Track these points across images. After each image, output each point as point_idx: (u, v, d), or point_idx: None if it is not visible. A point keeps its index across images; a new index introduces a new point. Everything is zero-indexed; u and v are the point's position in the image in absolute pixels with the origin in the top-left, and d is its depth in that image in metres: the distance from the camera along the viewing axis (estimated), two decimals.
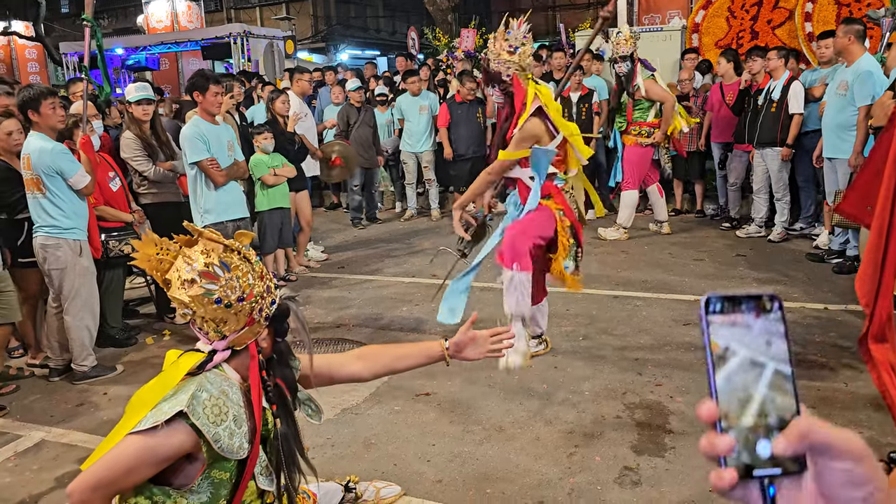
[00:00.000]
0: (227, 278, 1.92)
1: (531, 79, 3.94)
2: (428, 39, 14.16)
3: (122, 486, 1.84)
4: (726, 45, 9.19)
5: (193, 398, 1.84)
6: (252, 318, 1.98)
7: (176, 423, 1.82)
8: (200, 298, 1.89)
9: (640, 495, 3.01)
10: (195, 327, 1.98)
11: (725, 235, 7.42)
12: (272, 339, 2.09)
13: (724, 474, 0.61)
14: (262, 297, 2.00)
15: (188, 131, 4.97)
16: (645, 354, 4.46)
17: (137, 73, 15.32)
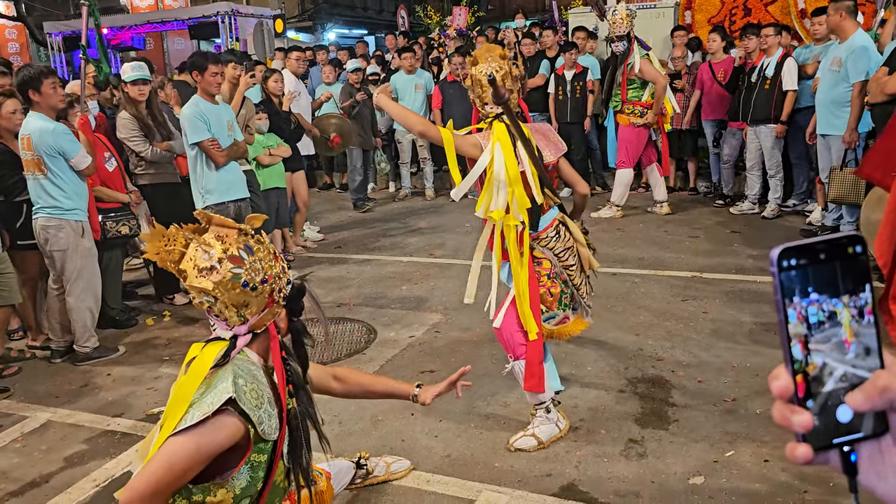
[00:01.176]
0: (251, 261, 1.94)
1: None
2: (419, 17, 14.06)
3: (176, 487, 1.84)
4: (719, 21, 9.20)
5: (235, 386, 1.86)
6: (272, 300, 2.00)
7: (224, 413, 1.83)
8: (226, 283, 1.89)
9: (645, 467, 3.07)
10: (211, 315, 1.98)
11: (719, 213, 7.48)
12: (288, 319, 2.12)
13: (797, 451, 0.59)
14: (279, 277, 2.03)
15: (188, 111, 4.88)
16: (645, 330, 4.52)
17: (122, 52, 15.12)
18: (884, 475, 0.59)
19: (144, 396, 4.13)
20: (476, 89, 3.23)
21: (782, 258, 0.59)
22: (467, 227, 7.52)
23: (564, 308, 3.38)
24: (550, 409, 3.32)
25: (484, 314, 4.89)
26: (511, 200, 3.12)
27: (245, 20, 13.00)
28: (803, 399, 0.59)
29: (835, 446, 0.59)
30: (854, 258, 0.59)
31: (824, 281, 0.59)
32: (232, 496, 1.92)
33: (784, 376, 0.59)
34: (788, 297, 0.59)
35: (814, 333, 0.59)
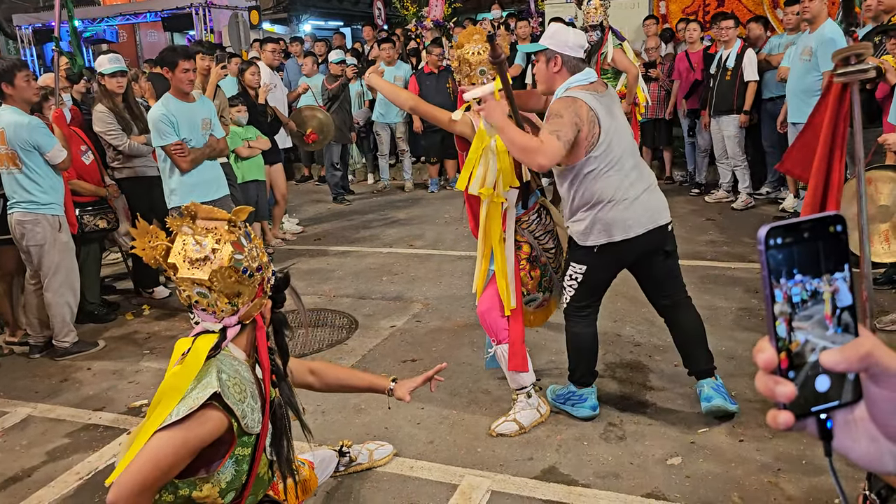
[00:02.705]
0: (249, 248, 1.96)
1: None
2: (395, 9, 14.03)
3: (165, 481, 1.86)
4: (692, 12, 9.31)
5: (219, 380, 1.88)
6: (261, 290, 2.03)
7: (209, 407, 1.85)
8: (224, 271, 1.90)
9: (625, 449, 3.14)
10: (198, 309, 1.98)
11: (694, 201, 7.59)
12: (271, 310, 2.14)
13: (779, 418, 0.61)
14: (268, 267, 2.06)
15: (155, 113, 4.60)
16: (623, 316, 4.59)
17: (94, 45, 14.91)
18: (856, 439, 0.63)
19: (126, 390, 4.12)
20: (464, 68, 3.30)
21: (769, 237, 0.61)
22: (446, 218, 7.56)
23: (544, 291, 3.46)
24: (531, 394, 3.38)
25: (464, 304, 4.97)
26: (499, 178, 3.19)
27: (219, 12, 12.87)
28: (786, 371, 0.62)
29: (812, 414, 0.62)
30: (835, 237, 0.62)
31: (808, 259, 0.62)
32: (218, 490, 1.95)
33: (769, 349, 0.62)
34: (774, 276, 0.62)
35: (797, 312, 0.62)
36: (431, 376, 2.70)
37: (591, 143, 3.01)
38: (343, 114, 8.45)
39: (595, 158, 3.03)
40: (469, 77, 3.29)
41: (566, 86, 3.09)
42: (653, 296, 3.42)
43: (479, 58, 3.25)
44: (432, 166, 9.11)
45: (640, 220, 3.10)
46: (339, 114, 8.36)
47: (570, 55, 3.09)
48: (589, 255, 3.18)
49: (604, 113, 3.02)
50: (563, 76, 3.11)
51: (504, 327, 3.31)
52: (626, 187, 3.07)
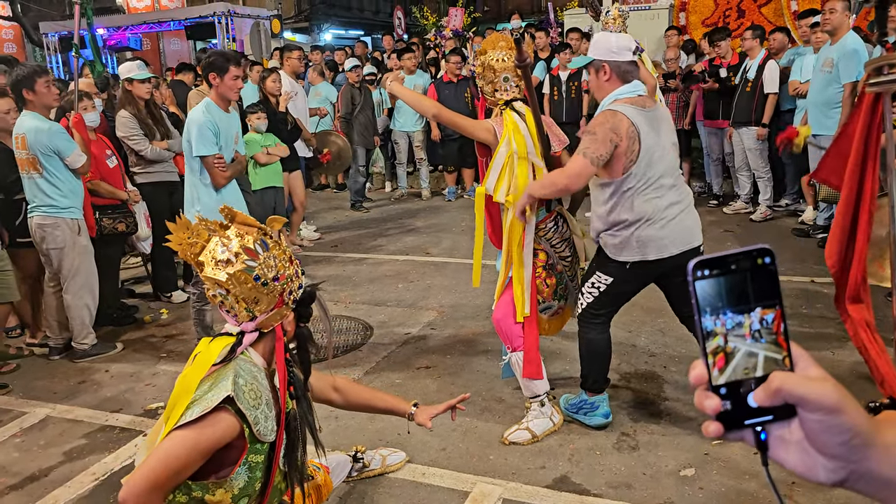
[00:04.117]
0: (265, 257, 1.98)
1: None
2: (415, 18, 14.11)
3: (177, 482, 1.88)
4: (713, 23, 9.27)
5: (235, 383, 1.90)
6: (281, 300, 2.04)
7: (221, 410, 1.87)
8: (239, 276, 1.93)
9: (638, 459, 3.12)
10: (223, 309, 2.03)
11: (712, 212, 7.54)
12: (295, 324, 2.15)
13: (709, 428, 0.68)
14: (292, 279, 2.06)
15: (200, 118, 4.18)
16: (638, 327, 4.57)
17: (118, 53, 15.14)
18: (791, 451, 0.67)
19: (143, 392, 4.16)
20: (488, 75, 3.30)
21: (696, 269, 0.68)
22: (462, 227, 7.57)
23: (559, 299, 3.46)
24: (545, 402, 3.37)
25: (479, 312, 4.98)
26: (522, 184, 3.19)
27: (241, 21, 13.03)
28: (716, 387, 0.68)
29: (747, 426, 0.68)
30: (763, 269, 0.68)
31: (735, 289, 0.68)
32: (230, 496, 1.96)
33: (699, 367, 0.69)
34: (703, 303, 0.68)
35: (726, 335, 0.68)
36: (454, 405, 2.69)
37: (629, 160, 2.97)
38: (365, 118, 8.54)
39: (633, 176, 2.99)
40: (493, 84, 3.30)
41: (612, 97, 3.05)
42: (678, 308, 3.40)
43: (503, 65, 3.26)
44: (449, 175, 9.14)
45: (676, 240, 3.07)
46: (360, 118, 8.46)
47: (617, 60, 3.03)
48: (619, 270, 3.16)
49: (646, 129, 2.98)
50: (614, 84, 3.06)
51: (519, 334, 3.30)
52: (665, 207, 3.03)
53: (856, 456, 0.64)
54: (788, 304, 4.74)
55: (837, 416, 0.64)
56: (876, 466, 0.65)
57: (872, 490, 0.66)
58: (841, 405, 0.64)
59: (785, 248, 6.06)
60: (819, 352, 4.03)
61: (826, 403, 0.64)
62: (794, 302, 4.80)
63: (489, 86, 3.32)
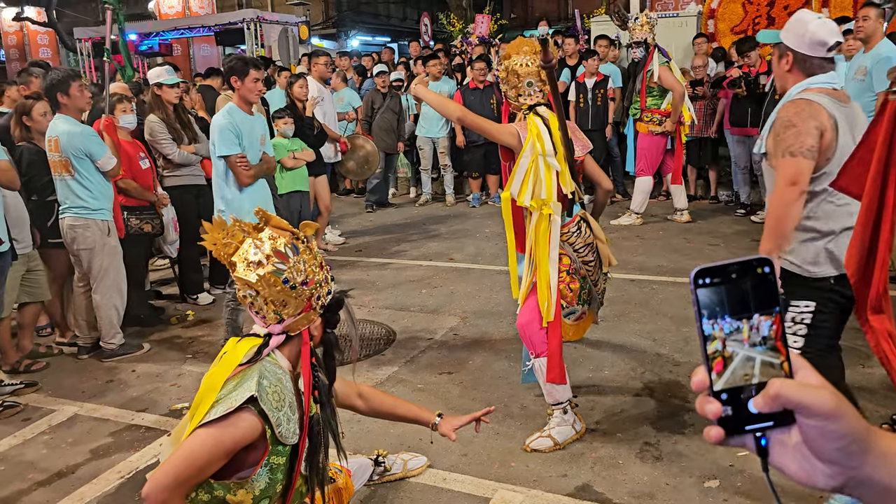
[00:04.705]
0: (294, 260, 2.01)
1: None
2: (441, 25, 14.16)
3: (199, 479, 1.90)
4: (742, 30, 9.19)
5: (259, 384, 1.92)
6: (309, 305, 2.06)
7: (244, 410, 1.89)
8: (268, 278, 1.96)
9: (661, 469, 3.09)
10: (253, 310, 2.06)
11: (740, 221, 7.45)
12: (322, 329, 2.16)
13: (711, 433, 0.69)
14: (321, 285, 2.09)
15: (221, 121, 4.37)
16: (663, 335, 4.53)
17: (150, 58, 15.38)
18: (790, 457, 0.68)
19: (168, 392, 4.21)
20: (511, 79, 3.30)
21: (698, 277, 0.69)
22: (487, 233, 7.57)
23: (583, 303, 3.43)
24: (567, 410, 3.35)
25: (502, 318, 4.97)
26: (550, 188, 3.17)
27: (270, 27, 13.16)
28: (717, 393, 0.69)
29: (747, 432, 0.69)
30: (763, 277, 0.69)
31: (736, 297, 0.69)
32: (251, 497, 1.98)
33: (701, 373, 0.70)
34: (704, 310, 0.69)
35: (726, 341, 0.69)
36: (479, 417, 2.66)
37: (825, 157, 2.63)
38: (384, 122, 8.63)
39: (827, 176, 2.62)
40: (516, 88, 3.30)
41: (802, 86, 2.70)
42: None
43: (527, 69, 3.26)
44: (474, 181, 9.14)
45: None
46: (379, 122, 8.55)
47: (804, 53, 2.69)
48: (818, 290, 2.73)
49: (843, 125, 2.64)
50: (795, 76, 2.74)
51: (543, 340, 3.28)
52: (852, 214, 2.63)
53: (853, 462, 0.66)
54: None
55: (834, 421, 0.65)
56: (873, 473, 0.66)
57: (871, 497, 0.67)
58: (838, 411, 0.65)
59: None
60: (849, 366, 3.96)
61: (823, 409, 0.65)
62: None
63: (513, 90, 3.32)
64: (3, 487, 3.31)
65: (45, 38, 20.20)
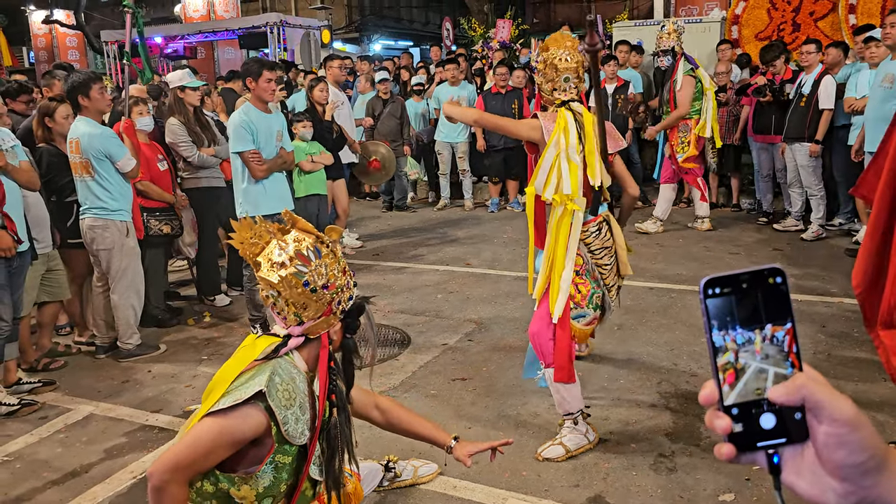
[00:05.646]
0: (316, 264, 2.02)
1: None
2: (463, 30, 14.16)
3: (202, 466, 1.92)
4: (767, 37, 9.09)
5: (270, 381, 1.92)
6: (330, 309, 2.07)
7: (252, 404, 1.90)
8: (290, 279, 1.98)
9: (674, 482, 3.04)
10: (275, 311, 2.07)
11: (762, 230, 7.35)
12: (342, 334, 2.16)
13: (722, 449, 0.67)
14: (342, 290, 2.09)
15: (236, 119, 4.72)
16: (680, 345, 4.47)
17: (175, 61, 15.55)
18: (801, 475, 0.66)
19: (183, 394, 4.23)
20: (549, 73, 3.27)
21: (708, 287, 0.68)
22: (504, 239, 7.53)
23: (595, 308, 3.37)
24: (578, 420, 3.30)
25: (517, 325, 4.93)
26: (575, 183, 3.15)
27: (293, 30, 13.26)
28: (727, 408, 0.67)
29: (759, 449, 0.67)
30: (775, 288, 0.68)
31: (747, 308, 0.68)
32: (255, 494, 1.98)
33: (710, 387, 0.68)
34: (713, 320, 0.68)
35: (737, 353, 0.67)
36: (496, 447, 2.63)
37: None
38: (387, 129, 8.73)
39: None
40: (552, 82, 3.27)
41: None
42: None
43: (566, 64, 3.23)
44: (493, 186, 9.11)
45: None
46: (381, 129, 8.70)
47: None
48: None
49: None
50: None
51: (552, 350, 3.24)
52: None
53: (867, 481, 0.63)
54: (839, 326, 4.59)
55: (854, 431, 0.63)
56: (886, 494, 0.64)
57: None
58: (858, 421, 0.63)
59: (838, 268, 5.85)
60: (872, 382, 3.88)
61: (844, 415, 0.63)
62: (847, 325, 4.63)
63: (548, 84, 3.29)
64: (17, 485, 3.34)
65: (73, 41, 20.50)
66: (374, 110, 8.82)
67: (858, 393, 3.71)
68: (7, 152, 4.02)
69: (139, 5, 5.55)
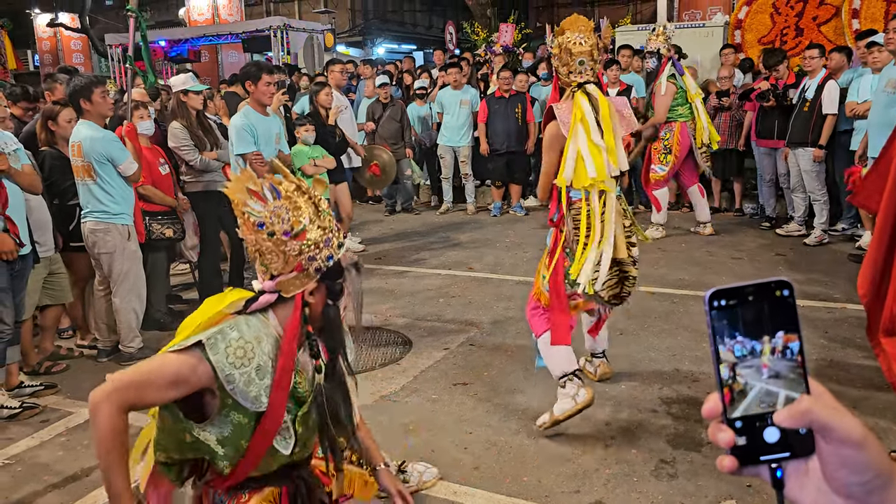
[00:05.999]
0: (275, 205, 1.84)
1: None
2: (466, 34, 14.18)
3: (143, 397, 1.79)
4: (769, 41, 9.08)
5: (220, 333, 1.81)
6: (300, 265, 1.88)
7: (197, 353, 1.79)
8: (246, 219, 1.84)
9: (676, 488, 3.03)
10: (255, 264, 1.94)
11: (764, 235, 7.34)
12: (322, 299, 1.96)
13: (724, 462, 0.66)
14: (317, 245, 1.89)
15: (237, 122, 4.88)
16: (682, 350, 4.46)
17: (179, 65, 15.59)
18: (805, 490, 0.66)
19: None
20: (564, 57, 3.33)
21: (713, 299, 0.67)
22: (507, 243, 7.53)
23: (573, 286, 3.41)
24: (566, 384, 3.42)
25: (519, 329, 4.92)
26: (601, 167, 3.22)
27: (296, 34, 13.29)
28: (731, 421, 0.66)
29: (763, 462, 0.66)
30: (782, 300, 0.66)
31: (752, 321, 0.66)
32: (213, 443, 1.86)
33: (713, 399, 0.67)
34: (718, 333, 0.67)
35: (740, 367, 0.66)
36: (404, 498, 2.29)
37: None
38: (386, 133, 8.73)
39: None
40: (568, 66, 3.32)
41: None
42: None
43: (580, 48, 3.28)
44: (496, 190, 9.11)
45: None
46: (381, 132, 8.72)
47: None
48: None
49: None
50: None
51: (540, 325, 3.44)
52: None
53: (873, 499, 0.63)
54: (843, 332, 4.58)
55: (860, 451, 0.62)
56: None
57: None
58: (866, 441, 0.63)
59: (841, 274, 5.83)
60: (875, 390, 3.86)
61: (852, 436, 0.62)
62: (850, 331, 4.61)
63: (564, 67, 3.34)
64: (18, 489, 3.34)
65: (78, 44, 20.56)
66: (374, 114, 8.85)
67: (860, 399, 3.70)
68: (10, 156, 4.04)
69: (143, 9, 5.54)
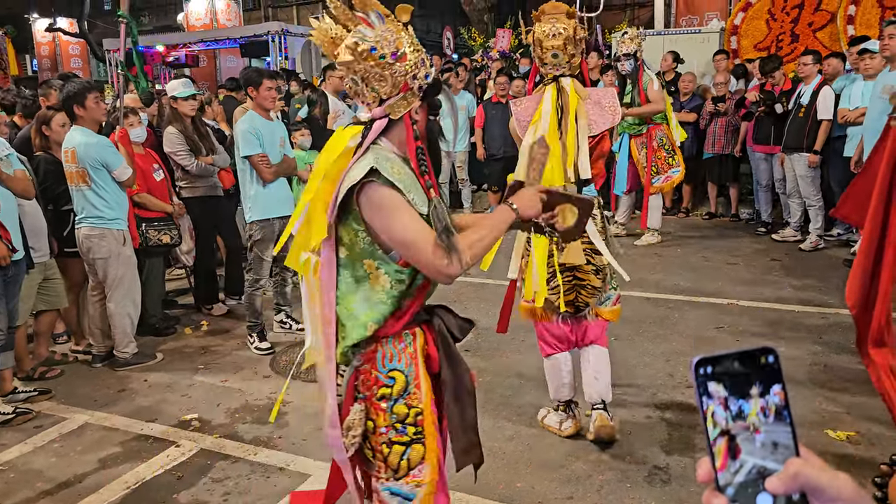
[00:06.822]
0: (382, 29, 1.92)
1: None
2: (463, 39, 14.21)
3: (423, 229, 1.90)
4: (765, 47, 9.11)
5: (374, 159, 1.88)
6: (406, 84, 1.96)
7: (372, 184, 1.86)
8: (356, 47, 1.89)
9: (669, 494, 3.03)
10: (358, 100, 2.01)
11: (760, 240, 7.35)
12: (425, 116, 2.07)
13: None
14: (417, 66, 1.98)
15: (242, 126, 4.85)
16: (676, 356, 4.46)
17: (177, 69, 15.61)
18: None
19: (178, 403, 4.22)
20: (537, 49, 3.26)
21: (699, 366, 0.67)
22: (503, 248, 7.49)
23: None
24: (550, 411, 3.59)
25: (514, 335, 4.91)
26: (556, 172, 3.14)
27: (294, 39, 13.30)
28: (723, 487, 0.66)
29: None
30: (767, 367, 0.67)
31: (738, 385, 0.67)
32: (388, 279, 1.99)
33: (706, 464, 0.67)
34: (706, 397, 0.67)
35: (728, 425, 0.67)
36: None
37: None
38: None
39: None
40: (541, 59, 3.25)
41: None
42: None
43: (550, 42, 3.18)
44: (493, 195, 9.12)
45: None
46: None
47: None
48: None
49: None
50: None
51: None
52: None
53: None
54: (837, 337, 4.58)
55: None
56: None
57: None
58: (858, 497, 0.64)
59: (835, 279, 5.83)
60: (870, 396, 3.87)
61: (844, 495, 0.63)
62: (844, 336, 4.61)
63: (538, 59, 3.28)
64: (10, 495, 3.33)
65: (76, 49, 20.61)
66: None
67: (854, 405, 3.70)
68: (2, 161, 4.04)
69: (141, 13, 5.55)
